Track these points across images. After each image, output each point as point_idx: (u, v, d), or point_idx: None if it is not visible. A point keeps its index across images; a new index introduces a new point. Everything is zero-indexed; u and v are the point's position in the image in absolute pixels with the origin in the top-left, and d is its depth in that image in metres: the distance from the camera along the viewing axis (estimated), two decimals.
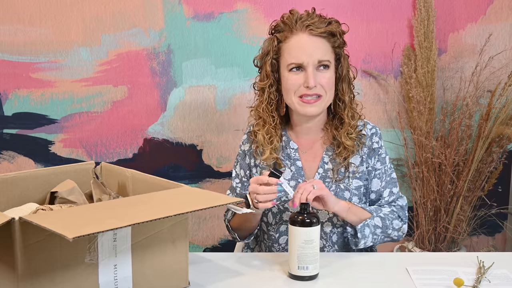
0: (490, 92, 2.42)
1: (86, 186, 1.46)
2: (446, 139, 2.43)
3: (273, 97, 1.57)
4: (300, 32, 1.50)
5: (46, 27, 2.39)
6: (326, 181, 1.56)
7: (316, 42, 1.49)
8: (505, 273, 1.37)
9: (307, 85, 1.48)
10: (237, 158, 1.69)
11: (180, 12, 2.41)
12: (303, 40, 1.50)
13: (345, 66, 1.55)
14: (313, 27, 1.48)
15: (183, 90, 2.47)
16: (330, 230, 1.57)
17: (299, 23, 1.50)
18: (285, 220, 1.59)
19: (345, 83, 1.56)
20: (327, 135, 1.61)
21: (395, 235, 1.58)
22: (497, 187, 2.55)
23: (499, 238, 2.64)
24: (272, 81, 1.56)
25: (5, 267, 1.06)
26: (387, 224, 1.55)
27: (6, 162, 2.48)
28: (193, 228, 2.58)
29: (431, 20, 2.39)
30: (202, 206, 1.14)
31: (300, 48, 1.49)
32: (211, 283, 1.31)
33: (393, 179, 1.63)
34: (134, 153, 2.51)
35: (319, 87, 1.50)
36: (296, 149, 1.60)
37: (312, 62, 1.48)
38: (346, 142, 1.54)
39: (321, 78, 1.50)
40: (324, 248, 1.57)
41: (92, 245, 1.10)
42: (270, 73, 1.56)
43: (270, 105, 1.57)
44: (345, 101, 1.56)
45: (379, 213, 1.56)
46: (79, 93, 2.44)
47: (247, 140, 1.67)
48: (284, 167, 1.59)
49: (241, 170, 1.67)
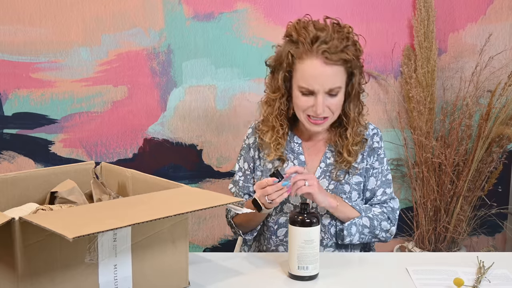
0: (490, 92, 2.42)
1: (86, 186, 1.46)
2: (446, 139, 2.43)
3: (283, 107, 1.59)
4: (315, 58, 1.48)
5: (46, 27, 2.39)
6: (327, 175, 1.60)
7: (329, 71, 1.48)
8: (505, 273, 1.37)
9: (315, 110, 1.51)
10: (240, 152, 1.71)
11: (180, 12, 2.41)
12: (317, 67, 1.48)
13: (356, 82, 1.55)
14: (328, 54, 1.46)
15: (183, 90, 2.47)
16: (329, 222, 1.59)
17: (315, 46, 1.47)
18: (285, 212, 1.61)
19: (354, 100, 1.57)
20: (330, 136, 1.64)
21: (382, 236, 1.61)
22: (497, 187, 2.55)
23: (499, 238, 2.64)
24: (283, 92, 1.57)
25: (5, 267, 1.06)
26: (375, 224, 1.58)
27: (6, 162, 2.48)
28: (193, 228, 2.58)
29: (431, 20, 2.39)
30: (202, 206, 1.14)
31: (313, 76, 1.49)
32: (211, 283, 1.31)
33: (388, 180, 1.65)
34: (134, 153, 2.51)
35: (327, 111, 1.52)
36: (300, 143, 1.64)
37: (323, 90, 1.49)
38: (348, 158, 1.57)
39: (330, 102, 1.52)
40: (322, 240, 1.59)
41: (92, 245, 1.10)
42: (282, 85, 1.56)
43: (280, 115, 1.59)
44: (350, 116, 1.58)
45: (368, 213, 1.58)
46: (79, 93, 2.44)
47: (252, 133, 1.69)
48: (287, 160, 1.62)
49: (245, 163, 1.69)
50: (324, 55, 1.46)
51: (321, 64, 1.47)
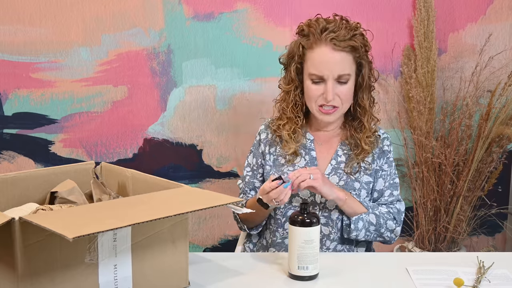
0: (490, 92, 2.42)
1: (86, 186, 1.46)
2: (446, 139, 2.43)
3: (298, 99, 1.65)
4: (324, 45, 1.55)
5: (46, 27, 2.39)
6: (338, 172, 1.63)
7: (338, 57, 1.55)
8: (505, 273, 1.37)
9: (325, 97, 1.56)
10: (251, 148, 1.76)
11: (180, 12, 2.41)
12: (326, 53, 1.55)
13: (366, 74, 1.61)
14: (337, 41, 1.54)
15: (183, 90, 2.47)
16: (337, 217, 1.62)
17: (324, 34, 1.55)
18: (294, 205, 1.63)
19: (365, 91, 1.64)
20: (344, 133, 1.69)
21: (387, 235, 1.63)
22: (497, 187, 2.55)
23: (499, 238, 2.64)
24: (297, 84, 1.64)
25: (5, 267, 1.06)
26: (381, 222, 1.61)
27: (6, 162, 2.48)
28: (193, 228, 2.58)
29: (431, 20, 2.39)
30: (202, 206, 1.14)
31: (322, 62, 1.56)
32: (211, 283, 1.31)
33: (395, 183, 1.69)
34: (134, 153, 2.51)
35: (337, 99, 1.58)
36: (312, 140, 1.68)
37: (332, 76, 1.56)
38: (365, 147, 1.62)
39: (340, 90, 1.58)
40: (330, 234, 1.61)
41: (92, 245, 1.10)
42: (295, 77, 1.63)
43: (296, 106, 1.65)
44: (365, 107, 1.64)
45: (374, 210, 1.61)
46: (79, 93, 2.44)
47: (264, 129, 1.74)
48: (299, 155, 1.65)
49: (254, 158, 1.73)
50: (332, 42, 1.54)
51: (330, 50, 1.55)
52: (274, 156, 1.69)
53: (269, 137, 1.71)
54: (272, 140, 1.70)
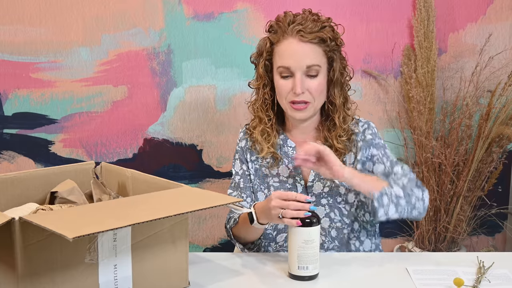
0: (490, 92, 2.42)
1: (86, 186, 1.46)
2: (446, 139, 2.43)
3: (268, 97, 1.59)
4: (291, 37, 1.50)
5: (46, 27, 2.39)
6: (322, 179, 1.57)
7: (305, 48, 1.49)
8: (505, 273, 1.37)
9: (294, 91, 1.50)
10: (235, 156, 1.70)
11: (180, 12, 2.41)
12: (292, 45, 1.50)
13: (337, 69, 1.54)
14: (304, 33, 1.48)
15: (183, 90, 2.47)
16: (328, 225, 1.57)
17: (290, 27, 1.50)
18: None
19: (337, 87, 1.56)
20: (320, 135, 1.61)
21: (418, 206, 1.48)
22: (497, 187, 2.55)
23: (499, 238, 2.64)
24: (266, 81, 1.58)
25: (5, 267, 1.05)
26: (408, 193, 1.46)
27: (6, 162, 2.48)
28: (193, 228, 2.58)
29: (431, 20, 2.39)
30: (202, 206, 1.14)
31: (289, 53, 1.50)
32: (211, 283, 1.31)
33: (397, 161, 1.57)
34: (134, 153, 2.51)
35: (307, 94, 1.51)
36: (294, 147, 1.62)
37: (300, 68, 1.49)
38: (337, 145, 1.55)
39: (310, 84, 1.51)
40: (323, 244, 1.57)
41: (92, 245, 1.10)
42: (263, 74, 1.58)
43: (265, 104, 1.60)
44: (336, 104, 1.56)
45: (397, 181, 1.48)
46: (79, 93, 2.44)
47: (243, 136, 1.69)
48: (282, 160, 1.59)
49: (242, 165, 1.67)
50: (299, 33, 1.49)
51: (297, 42, 1.50)
52: (256, 165, 1.64)
53: (249, 144, 1.65)
54: (252, 147, 1.64)
